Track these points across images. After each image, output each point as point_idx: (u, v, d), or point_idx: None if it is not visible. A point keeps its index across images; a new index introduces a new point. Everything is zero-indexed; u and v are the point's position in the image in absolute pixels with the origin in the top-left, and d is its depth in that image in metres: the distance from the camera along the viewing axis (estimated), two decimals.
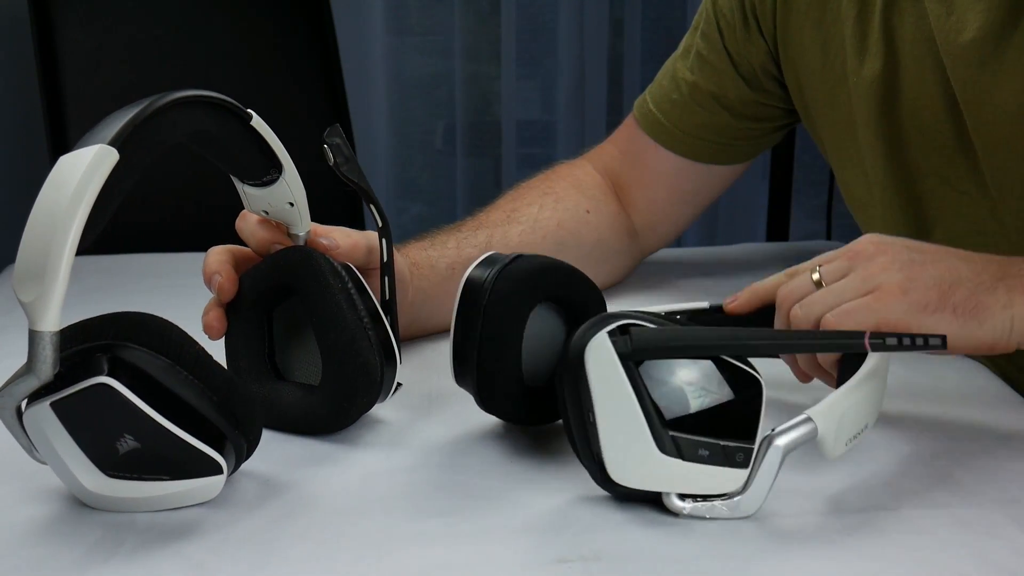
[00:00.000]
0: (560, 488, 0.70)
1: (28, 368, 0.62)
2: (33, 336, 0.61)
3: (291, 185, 0.76)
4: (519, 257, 0.75)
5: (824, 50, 1.00)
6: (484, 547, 0.64)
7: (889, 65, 0.95)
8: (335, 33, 1.92)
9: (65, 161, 0.63)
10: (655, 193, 1.13)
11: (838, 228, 2.13)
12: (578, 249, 1.03)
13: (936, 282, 0.73)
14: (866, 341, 0.68)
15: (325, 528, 0.66)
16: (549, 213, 1.04)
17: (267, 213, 0.79)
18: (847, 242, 0.80)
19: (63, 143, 1.79)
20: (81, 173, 0.62)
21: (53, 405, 0.64)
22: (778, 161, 2.10)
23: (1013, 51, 0.86)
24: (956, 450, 0.75)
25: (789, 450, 0.65)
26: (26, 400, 0.64)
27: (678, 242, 2.41)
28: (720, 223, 2.49)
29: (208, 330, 0.79)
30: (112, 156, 0.63)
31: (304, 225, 0.80)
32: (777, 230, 2.14)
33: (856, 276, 0.74)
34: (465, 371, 0.75)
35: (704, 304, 0.82)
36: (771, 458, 0.65)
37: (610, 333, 0.65)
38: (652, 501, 0.67)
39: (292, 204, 0.77)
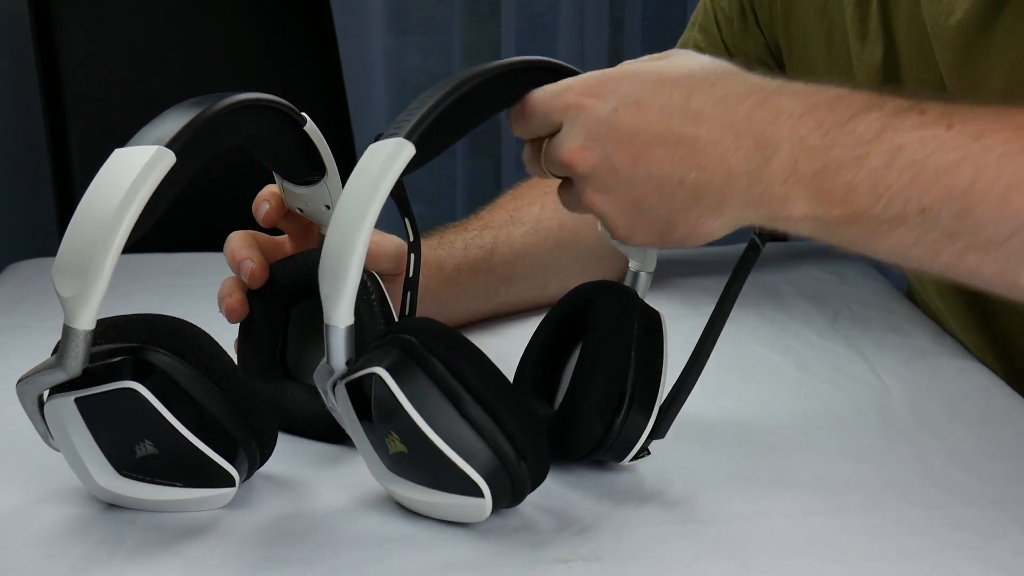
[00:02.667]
0: (560, 488, 0.70)
1: (57, 361, 0.62)
2: (67, 332, 0.61)
3: (331, 189, 0.76)
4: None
5: (828, 38, 1.00)
6: (484, 547, 0.64)
7: (889, 51, 0.95)
8: (335, 33, 1.92)
9: (120, 157, 0.62)
10: None
11: None
12: (578, 249, 1.03)
13: (656, 219, 0.65)
14: (757, 238, 0.68)
15: (325, 528, 0.66)
16: (550, 214, 1.05)
17: (302, 211, 0.79)
18: None
19: (63, 143, 1.79)
20: (136, 174, 0.61)
21: (78, 401, 0.64)
22: None
23: (998, 35, 0.85)
24: (956, 450, 0.75)
25: None
26: (49, 389, 0.64)
27: None
28: None
29: (230, 312, 0.78)
30: (168, 159, 0.62)
31: None
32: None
33: (578, 188, 0.66)
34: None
35: None
36: None
37: None
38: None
39: (328, 207, 0.77)
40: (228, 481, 0.66)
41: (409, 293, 0.79)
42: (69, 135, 1.79)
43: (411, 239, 0.78)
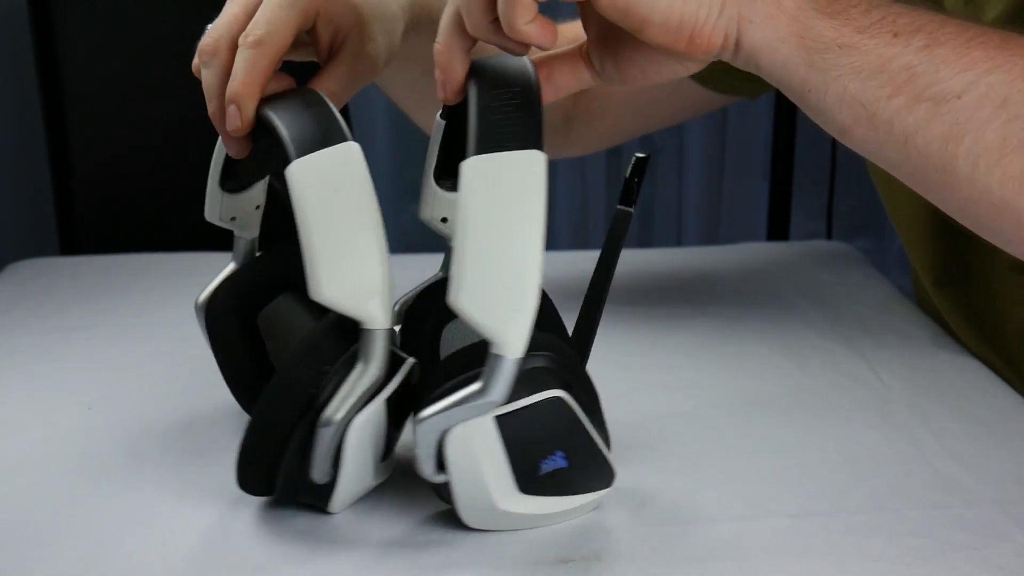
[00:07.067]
0: None
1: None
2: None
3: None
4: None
5: None
6: (484, 547, 0.64)
7: None
8: None
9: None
10: None
11: (838, 228, 2.13)
12: None
13: None
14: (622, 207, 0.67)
15: (326, 528, 0.66)
16: None
17: (259, 208, 0.78)
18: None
19: (63, 143, 1.79)
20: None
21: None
22: (778, 161, 2.10)
23: None
24: (956, 450, 0.75)
25: None
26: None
27: (678, 242, 2.41)
28: (720, 223, 2.49)
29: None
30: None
31: None
32: (777, 230, 2.14)
33: None
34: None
35: None
36: None
37: None
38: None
39: (259, 208, 0.77)
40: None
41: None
42: (69, 135, 1.79)
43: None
